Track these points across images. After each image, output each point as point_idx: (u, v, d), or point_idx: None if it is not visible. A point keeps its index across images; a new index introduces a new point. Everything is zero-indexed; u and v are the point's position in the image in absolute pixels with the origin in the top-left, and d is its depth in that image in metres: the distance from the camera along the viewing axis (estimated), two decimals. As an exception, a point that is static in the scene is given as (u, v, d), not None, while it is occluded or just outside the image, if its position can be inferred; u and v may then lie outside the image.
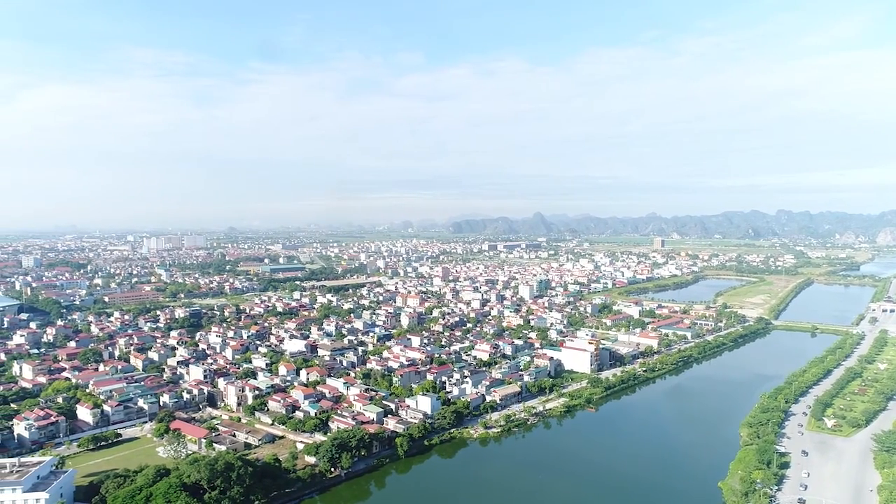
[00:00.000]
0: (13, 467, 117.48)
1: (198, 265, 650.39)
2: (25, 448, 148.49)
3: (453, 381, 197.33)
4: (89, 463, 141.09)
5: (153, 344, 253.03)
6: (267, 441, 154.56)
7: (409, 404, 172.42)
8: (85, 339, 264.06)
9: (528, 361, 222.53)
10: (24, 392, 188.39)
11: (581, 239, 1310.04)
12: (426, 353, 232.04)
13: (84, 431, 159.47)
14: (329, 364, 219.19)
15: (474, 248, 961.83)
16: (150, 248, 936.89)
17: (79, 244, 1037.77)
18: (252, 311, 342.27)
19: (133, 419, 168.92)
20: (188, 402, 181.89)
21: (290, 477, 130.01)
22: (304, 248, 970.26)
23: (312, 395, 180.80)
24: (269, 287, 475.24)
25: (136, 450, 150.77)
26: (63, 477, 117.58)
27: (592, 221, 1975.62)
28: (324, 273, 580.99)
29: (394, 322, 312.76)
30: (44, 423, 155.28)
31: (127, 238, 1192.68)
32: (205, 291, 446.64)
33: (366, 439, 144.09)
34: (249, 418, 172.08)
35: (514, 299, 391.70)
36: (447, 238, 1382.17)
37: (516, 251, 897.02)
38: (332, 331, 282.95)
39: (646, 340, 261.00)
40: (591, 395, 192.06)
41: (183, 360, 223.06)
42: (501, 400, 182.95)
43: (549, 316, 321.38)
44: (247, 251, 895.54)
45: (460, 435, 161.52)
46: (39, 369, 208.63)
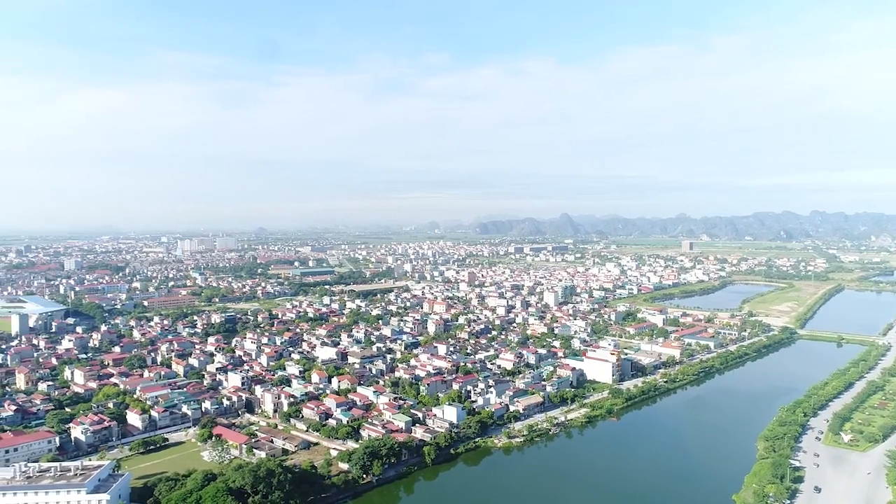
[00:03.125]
0: (77, 470, 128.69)
1: (230, 268, 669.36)
2: (82, 451, 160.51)
3: (478, 390, 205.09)
4: (140, 466, 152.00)
5: (192, 350, 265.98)
6: (302, 447, 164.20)
7: (436, 413, 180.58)
8: (128, 345, 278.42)
9: (550, 371, 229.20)
10: (77, 397, 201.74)
11: (608, 241, 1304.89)
12: (452, 362, 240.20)
13: (134, 436, 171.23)
14: (359, 372, 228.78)
15: (500, 251, 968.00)
16: (184, 250, 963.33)
17: (116, 245, 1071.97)
18: (284, 317, 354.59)
19: (178, 424, 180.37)
20: (228, 409, 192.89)
21: (326, 483, 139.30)
22: (333, 249, 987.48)
23: (344, 403, 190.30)
24: (299, 291, 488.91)
25: (182, 454, 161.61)
26: (121, 480, 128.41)
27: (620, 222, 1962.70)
28: (352, 277, 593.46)
29: (421, 329, 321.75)
30: (98, 427, 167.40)
31: (161, 239, 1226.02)
32: (238, 296, 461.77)
33: (395, 447, 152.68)
34: (285, 425, 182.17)
35: (539, 306, 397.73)
36: (473, 239, 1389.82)
37: (542, 254, 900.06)
38: (361, 337, 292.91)
39: (668, 350, 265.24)
40: (612, 405, 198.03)
41: (222, 367, 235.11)
42: (524, 410, 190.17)
43: (574, 324, 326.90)
44: (277, 253, 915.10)
45: (485, 444, 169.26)
46: (89, 375, 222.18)
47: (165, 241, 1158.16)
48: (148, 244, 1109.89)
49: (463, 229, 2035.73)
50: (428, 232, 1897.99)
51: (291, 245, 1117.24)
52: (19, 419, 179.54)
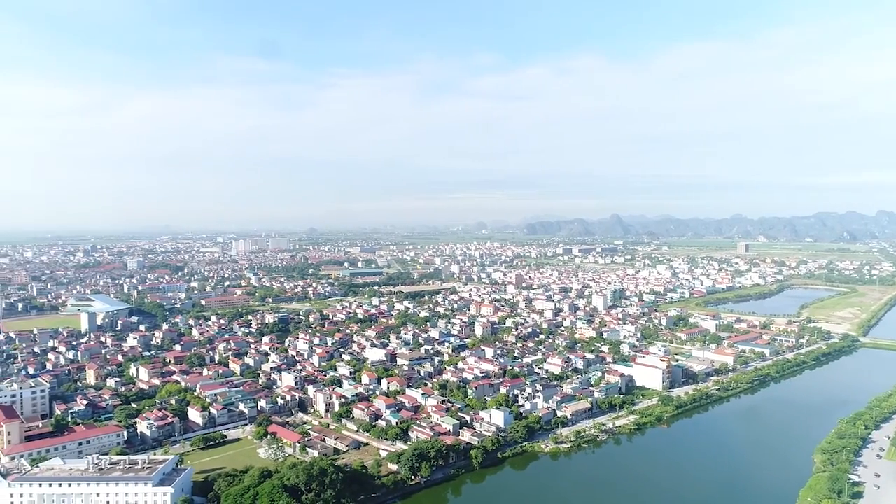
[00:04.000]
0: (143, 464, 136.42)
1: (283, 268, 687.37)
2: (147, 445, 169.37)
3: (525, 395, 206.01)
4: (201, 461, 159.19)
5: (248, 349, 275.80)
6: (353, 447, 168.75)
7: (483, 417, 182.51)
8: (188, 343, 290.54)
9: (599, 377, 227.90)
10: (142, 393, 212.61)
11: (660, 242, 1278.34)
12: (499, 366, 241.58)
13: (195, 431, 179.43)
14: (408, 374, 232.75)
15: (548, 252, 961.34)
16: (239, 251, 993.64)
17: (174, 245, 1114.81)
18: (335, 318, 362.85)
19: (235, 421, 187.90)
20: (282, 407, 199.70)
21: (376, 483, 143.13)
22: (381, 250, 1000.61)
23: (393, 404, 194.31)
24: (349, 292, 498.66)
25: (239, 450, 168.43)
26: (184, 474, 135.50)
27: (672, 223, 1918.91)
28: (400, 278, 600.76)
29: (468, 331, 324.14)
30: (162, 423, 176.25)
31: (217, 239, 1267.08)
32: (290, 296, 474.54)
33: (443, 450, 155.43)
34: (337, 425, 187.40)
35: (588, 309, 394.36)
36: (521, 240, 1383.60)
37: (591, 255, 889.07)
38: (409, 339, 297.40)
39: (721, 357, 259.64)
40: (662, 413, 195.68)
41: (276, 367, 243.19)
42: (572, 416, 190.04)
43: (623, 328, 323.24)
44: (327, 254, 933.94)
45: (532, 449, 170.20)
46: (153, 372, 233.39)
47: (221, 242, 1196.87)
48: (204, 244, 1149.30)
49: (510, 230, 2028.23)
50: (475, 232, 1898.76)
51: (341, 245, 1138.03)
52: (90, 413, 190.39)
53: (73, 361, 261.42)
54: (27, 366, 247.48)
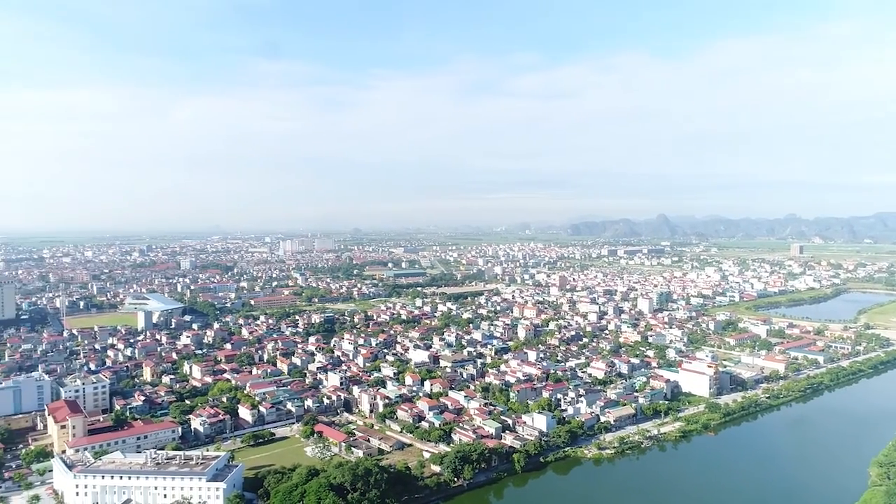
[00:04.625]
0: (197, 459, 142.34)
1: (328, 268, 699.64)
2: (200, 441, 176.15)
3: (568, 399, 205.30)
4: (250, 457, 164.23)
5: (295, 349, 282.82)
6: (397, 448, 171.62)
7: (526, 421, 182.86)
8: (238, 342, 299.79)
9: (643, 382, 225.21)
10: (195, 390, 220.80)
11: (708, 243, 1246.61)
12: (542, 369, 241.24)
13: (245, 429, 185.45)
14: (450, 376, 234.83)
15: (593, 253, 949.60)
16: (286, 251, 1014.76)
17: (224, 245, 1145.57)
18: (379, 318, 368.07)
19: (283, 420, 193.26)
20: (328, 407, 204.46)
21: (419, 484, 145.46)
22: (425, 251, 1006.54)
23: (436, 406, 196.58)
24: (393, 293, 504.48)
25: (287, 448, 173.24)
26: (235, 470, 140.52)
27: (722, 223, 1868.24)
28: (443, 279, 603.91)
29: (511, 334, 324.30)
30: (214, 420, 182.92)
31: (265, 240, 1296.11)
32: (336, 296, 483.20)
33: (486, 453, 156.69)
34: (381, 425, 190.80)
35: (633, 313, 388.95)
36: (565, 241, 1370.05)
37: (637, 257, 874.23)
38: (452, 341, 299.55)
39: (771, 364, 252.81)
40: (709, 420, 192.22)
41: (322, 367, 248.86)
42: (616, 421, 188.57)
43: (669, 333, 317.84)
44: (371, 254, 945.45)
45: (574, 454, 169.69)
46: (205, 370, 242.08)
47: (269, 242, 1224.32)
48: (253, 244, 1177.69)
49: (554, 230, 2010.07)
50: (518, 233, 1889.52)
51: (385, 246, 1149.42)
52: (147, 409, 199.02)
53: (130, 358, 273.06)
54: (89, 362, 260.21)
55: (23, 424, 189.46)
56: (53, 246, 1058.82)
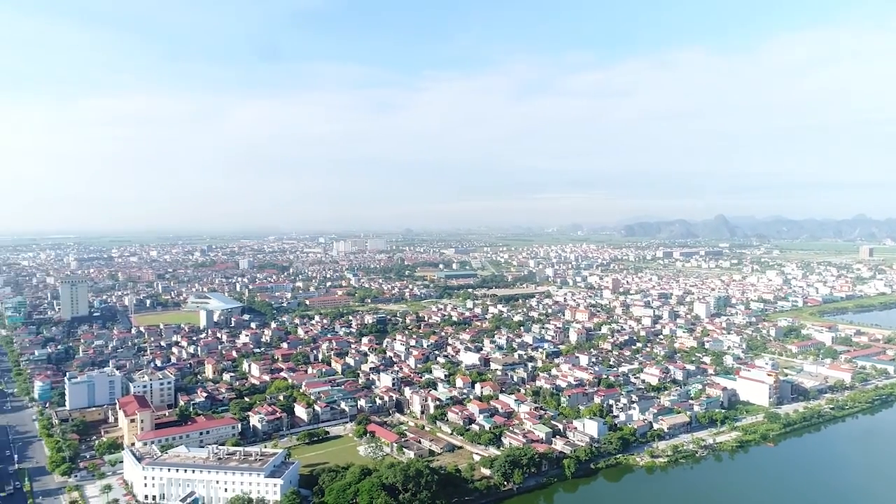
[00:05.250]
0: (256, 455, 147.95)
1: (380, 269, 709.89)
2: (258, 437, 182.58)
3: (620, 405, 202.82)
4: (306, 455, 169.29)
5: (349, 349, 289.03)
6: (447, 450, 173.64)
7: (577, 426, 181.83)
8: (294, 342, 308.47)
9: (699, 390, 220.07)
10: (253, 388, 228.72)
11: (770, 245, 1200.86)
12: (594, 374, 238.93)
13: (300, 427, 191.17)
14: (501, 379, 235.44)
15: (647, 255, 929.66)
16: (339, 251, 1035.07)
17: (280, 246, 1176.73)
18: (430, 320, 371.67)
19: (337, 419, 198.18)
20: (380, 407, 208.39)
21: (469, 487, 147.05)
22: (476, 252, 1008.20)
23: (487, 409, 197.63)
24: (444, 294, 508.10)
25: (341, 447, 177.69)
26: (292, 467, 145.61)
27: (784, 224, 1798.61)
28: (494, 281, 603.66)
29: (562, 337, 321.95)
30: (271, 417, 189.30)
31: (319, 240, 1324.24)
32: (388, 297, 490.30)
33: (535, 458, 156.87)
34: (431, 427, 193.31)
35: (689, 317, 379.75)
36: (618, 242, 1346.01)
37: (694, 259, 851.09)
38: (503, 343, 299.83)
39: (836, 373, 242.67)
40: (768, 431, 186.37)
41: (374, 367, 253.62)
42: (669, 429, 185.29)
43: (726, 339, 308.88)
44: (423, 255, 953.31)
45: (626, 461, 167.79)
46: (263, 368, 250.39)
47: (323, 242, 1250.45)
48: (308, 244, 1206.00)
49: (607, 231, 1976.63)
50: (570, 234, 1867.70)
51: (436, 247, 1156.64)
52: (209, 405, 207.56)
53: (193, 356, 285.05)
54: (155, 359, 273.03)
55: (96, 417, 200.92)
56: (121, 246, 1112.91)
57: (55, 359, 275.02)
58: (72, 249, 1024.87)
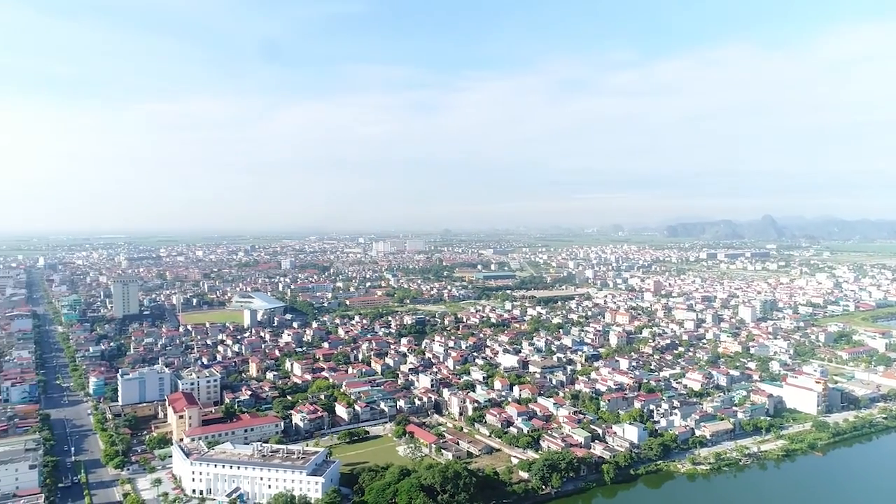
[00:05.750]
0: (299, 453, 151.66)
1: (419, 270, 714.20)
2: (300, 436, 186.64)
3: (661, 411, 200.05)
4: (346, 454, 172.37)
5: (388, 349, 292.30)
6: (485, 452, 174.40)
7: (616, 431, 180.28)
8: (335, 341, 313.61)
9: (743, 396, 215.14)
10: (295, 387, 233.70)
11: (820, 246, 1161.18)
12: (634, 378, 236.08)
13: (341, 426, 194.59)
14: (539, 382, 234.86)
15: (690, 256, 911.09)
16: (378, 251, 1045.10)
17: (321, 246, 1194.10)
18: (468, 321, 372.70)
19: (377, 419, 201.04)
20: (419, 408, 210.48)
21: (507, 490, 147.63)
22: (514, 253, 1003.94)
23: (525, 412, 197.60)
24: (482, 295, 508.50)
25: (380, 447, 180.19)
26: (333, 466, 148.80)
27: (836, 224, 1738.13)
28: (533, 282, 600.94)
29: (602, 340, 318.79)
30: (313, 416, 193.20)
31: (359, 240, 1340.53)
32: (426, 298, 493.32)
33: (574, 462, 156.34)
34: (470, 428, 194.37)
35: (733, 321, 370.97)
36: (660, 243, 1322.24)
37: (739, 261, 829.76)
38: (542, 346, 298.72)
39: (890, 381, 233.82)
40: (816, 440, 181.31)
41: (413, 368, 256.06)
42: (712, 436, 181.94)
43: (773, 344, 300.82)
44: (461, 256, 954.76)
45: (667, 468, 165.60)
46: (305, 367, 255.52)
47: (362, 242, 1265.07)
48: (348, 244, 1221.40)
49: (649, 232, 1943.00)
50: (611, 234, 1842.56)
51: (474, 247, 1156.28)
52: (253, 403, 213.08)
53: (238, 354, 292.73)
54: (202, 356, 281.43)
55: (146, 412, 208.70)
56: (169, 245, 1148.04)
57: (108, 355, 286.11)
58: (123, 249, 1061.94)
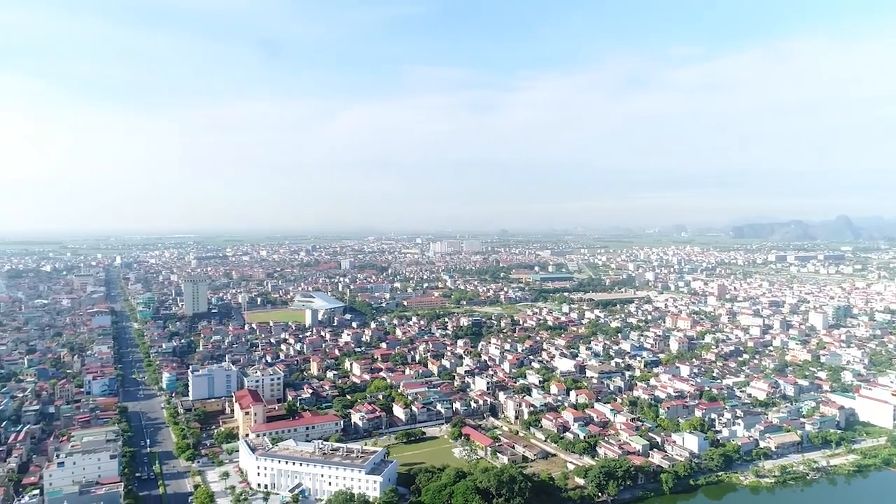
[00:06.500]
0: (358, 452, 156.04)
1: (475, 271, 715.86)
2: (359, 435, 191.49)
3: (724, 420, 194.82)
4: (403, 454, 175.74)
5: (444, 351, 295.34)
6: (541, 457, 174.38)
7: (676, 440, 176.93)
8: (392, 342, 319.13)
9: (812, 408, 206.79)
10: (354, 386, 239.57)
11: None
12: (696, 386, 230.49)
13: (398, 426, 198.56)
14: (596, 387, 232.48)
15: (758, 259, 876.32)
16: (435, 252, 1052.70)
17: (379, 246, 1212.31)
18: (525, 324, 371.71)
19: (433, 420, 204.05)
20: (475, 411, 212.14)
21: (562, 496, 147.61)
22: (572, 254, 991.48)
23: (581, 418, 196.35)
24: (539, 297, 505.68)
25: (436, 448, 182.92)
26: (391, 465, 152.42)
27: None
28: (591, 284, 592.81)
29: (662, 346, 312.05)
30: (371, 416, 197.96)
31: (416, 241, 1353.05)
32: (483, 299, 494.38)
33: (631, 470, 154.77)
34: (525, 432, 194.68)
35: (803, 328, 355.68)
36: (726, 244, 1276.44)
37: (811, 264, 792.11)
38: (599, 351, 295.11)
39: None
40: (891, 455, 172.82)
41: (469, 370, 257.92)
42: (777, 448, 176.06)
43: (846, 353, 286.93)
44: (518, 257, 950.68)
45: (728, 479, 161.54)
46: (364, 367, 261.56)
47: (420, 243, 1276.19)
48: (405, 245, 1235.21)
49: (714, 232, 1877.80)
50: (673, 235, 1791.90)
51: (531, 248, 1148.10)
52: (314, 401, 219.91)
53: (299, 353, 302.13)
54: (266, 354, 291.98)
55: (215, 408, 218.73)
56: (235, 245, 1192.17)
57: (179, 352, 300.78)
58: (192, 248, 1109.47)
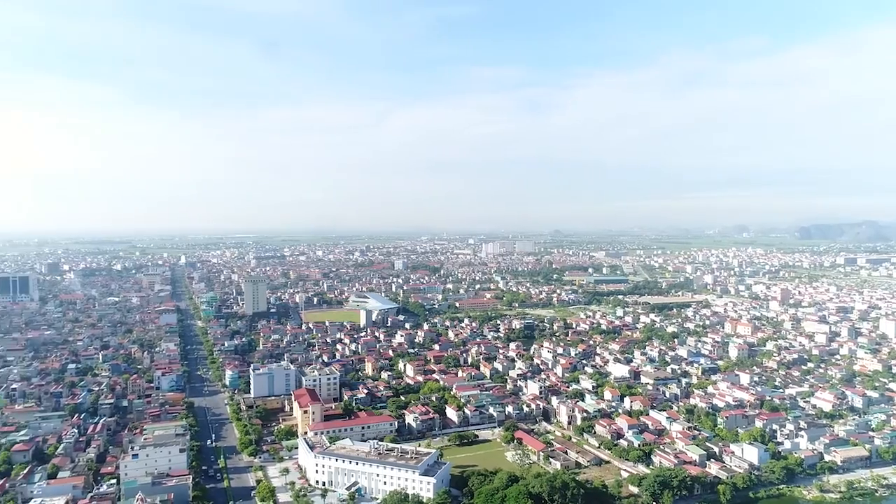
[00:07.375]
0: (412, 453, 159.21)
1: (528, 272, 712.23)
2: (413, 436, 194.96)
3: (785, 431, 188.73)
4: (455, 456, 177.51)
5: (497, 354, 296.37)
6: (594, 463, 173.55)
7: (734, 451, 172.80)
8: (445, 344, 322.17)
9: (882, 421, 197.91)
10: (408, 387, 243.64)
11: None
12: (756, 395, 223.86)
13: (451, 428, 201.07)
14: (651, 394, 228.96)
15: (825, 261, 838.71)
16: (488, 253, 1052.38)
17: (432, 246, 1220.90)
18: (578, 327, 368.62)
19: (485, 423, 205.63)
20: (527, 415, 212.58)
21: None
22: (627, 255, 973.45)
23: (636, 425, 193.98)
24: (592, 300, 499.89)
25: (488, 451, 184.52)
26: (444, 467, 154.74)
27: None
28: (647, 287, 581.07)
29: (721, 352, 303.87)
30: (425, 417, 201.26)
31: (468, 241, 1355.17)
32: (535, 302, 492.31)
33: (687, 480, 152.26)
34: (578, 438, 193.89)
35: (873, 336, 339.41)
36: (791, 246, 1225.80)
37: (883, 267, 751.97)
38: (654, 356, 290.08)
39: None
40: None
41: (522, 374, 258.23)
42: (843, 462, 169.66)
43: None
44: (571, 258, 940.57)
45: (790, 493, 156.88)
46: (417, 369, 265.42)
47: (472, 243, 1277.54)
48: (457, 245, 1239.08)
49: (778, 233, 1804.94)
50: (734, 236, 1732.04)
51: (585, 249, 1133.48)
52: (369, 401, 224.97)
53: (355, 353, 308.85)
54: (322, 354, 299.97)
55: (275, 405, 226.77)
56: (292, 245, 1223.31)
57: (240, 350, 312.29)
58: (251, 248, 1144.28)
